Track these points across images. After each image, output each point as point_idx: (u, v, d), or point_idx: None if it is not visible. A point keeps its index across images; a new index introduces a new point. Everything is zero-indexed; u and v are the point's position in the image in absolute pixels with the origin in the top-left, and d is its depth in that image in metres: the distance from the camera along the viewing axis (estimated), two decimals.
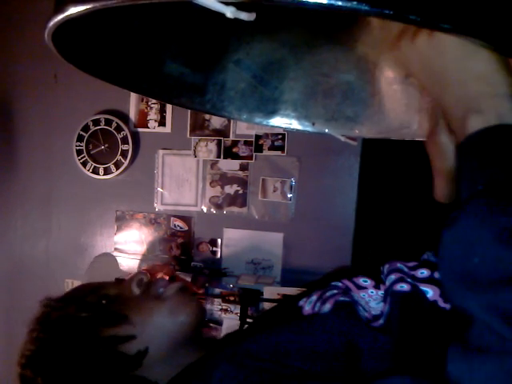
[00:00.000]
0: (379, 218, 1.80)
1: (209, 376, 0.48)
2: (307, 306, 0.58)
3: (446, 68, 0.39)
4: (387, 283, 0.56)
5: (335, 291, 0.58)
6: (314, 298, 0.58)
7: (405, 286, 0.54)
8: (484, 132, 0.36)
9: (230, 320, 1.77)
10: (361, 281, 0.59)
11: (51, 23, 0.34)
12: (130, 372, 0.57)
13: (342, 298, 0.56)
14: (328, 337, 0.50)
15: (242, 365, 0.47)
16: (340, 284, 0.60)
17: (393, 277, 0.55)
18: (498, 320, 0.31)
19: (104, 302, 0.62)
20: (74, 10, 0.31)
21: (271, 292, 1.69)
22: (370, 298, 0.57)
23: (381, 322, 0.52)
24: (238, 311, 1.72)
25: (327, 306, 0.56)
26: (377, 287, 0.57)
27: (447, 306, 0.52)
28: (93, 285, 0.67)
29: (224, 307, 1.79)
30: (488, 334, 0.32)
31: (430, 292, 0.53)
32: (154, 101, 1.88)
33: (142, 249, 1.95)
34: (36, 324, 0.63)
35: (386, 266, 0.58)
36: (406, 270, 0.57)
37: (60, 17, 0.33)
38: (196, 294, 1.75)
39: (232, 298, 1.74)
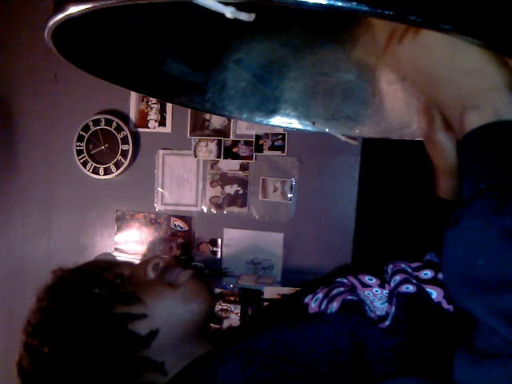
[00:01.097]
0: (379, 218, 1.79)
1: (215, 372, 0.48)
2: (313, 304, 0.58)
3: (435, 66, 0.39)
4: (392, 284, 0.56)
5: (342, 289, 0.58)
6: (320, 295, 0.58)
7: (410, 288, 0.54)
8: (482, 129, 0.36)
9: (230, 320, 1.77)
10: (366, 279, 0.58)
11: (51, 22, 0.34)
12: (137, 351, 0.57)
13: (349, 297, 0.56)
14: (336, 337, 0.50)
15: (249, 361, 0.47)
16: (345, 280, 0.60)
17: (398, 278, 0.55)
18: (504, 324, 0.30)
19: (118, 280, 0.62)
20: (73, 9, 0.31)
21: (271, 292, 1.69)
22: (375, 297, 0.56)
23: (387, 323, 0.52)
24: (239, 311, 1.72)
25: (335, 305, 0.55)
26: (382, 286, 0.57)
27: (451, 308, 0.52)
28: (108, 262, 0.67)
29: (224, 307, 1.79)
30: (495, 337, 0.31)
31: (434, 293, 0.53)
32: (154, 101, 1.88)
33: (142, 249, 1.95)
34: (46, 293, 0.62)
35: (390, 267, 0.58)
36: (409, 270, 0.57)
37: (60, 16, 0.33)
38: (209, 281, 1.74)
39: (232, 298, 1.74)
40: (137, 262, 0.71)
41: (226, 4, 0.30)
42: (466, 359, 0.33)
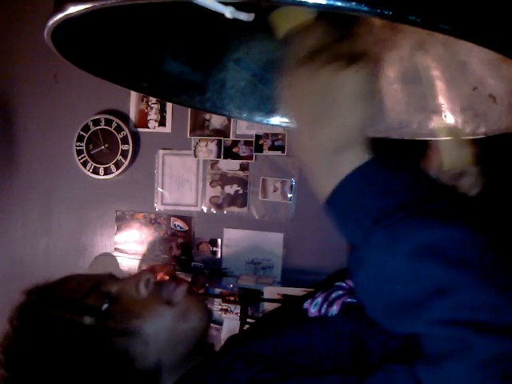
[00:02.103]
0: None
1: (224, 377, 0.47)
2: (313, 309, 0.58)
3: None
4: None
5: (341, 292, 0.58)
6: (320, 300, 0.58)
7: None
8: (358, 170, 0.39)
9: (230, 320, 1.77)
10: None
11: (51, 22, 0.34)
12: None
13: (349, 300, 0.56)
14: (337, 340, 0.50)
15: (253, 362, 0.47)
16: (344, 284, 0.59)
17: None
18: (447, 327, 0.32)
19: (107, 303, 0.55)
20: (73, 9, 0.31)
21: (271, 292, 1.69)
22: None
23: None
24: (238, 311, 1.72)
25: (335, 308, 0.55)
26: None
27: None
28: (90, 279, 0.60)
29: (224, 307, 1.79)
30: (442, 341, 0.33)
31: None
32: (154, 101, 1.88)
33: (142, 249, 1.95)
34: (23, 326, 0.55)
35: None
36: None
37: (59, 16, 0.33)
38: (201, 290, 1.74)
39: (232, 298, 1.74)
40: (120, 277, 0.63)
41: (226, 4, 0.30)
42: (427, 368, 0.34)
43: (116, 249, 1.98)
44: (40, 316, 0.55)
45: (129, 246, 1.97)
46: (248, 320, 1.67)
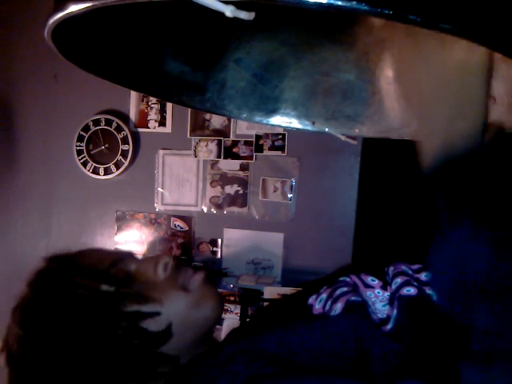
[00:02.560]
0: (379, 218, 1.79)
1: (221, 372, 0.47)
2: (317, 305, 0.58)
3: None
4: (393, 286, 0.55)
5: (345, 289, 0.58)
6: (324, 296, 0.58)
7: (411, 290, 0.54)
8: None
9: (230, 320, 1.77)
10: (369, 279, 0.58)
11: (51, 21, 0.34)
12: (154, 348, 0.54)
13: (353, 298, 0.56)
14: (339, 341, 0.50)
15: (254, 358, 0.47)
16: (348, 279, 0.59)
17: (399, 280, 0.55)
18: (506, 326, 0.32)
19: (125, 278, 0.57)
20: (73, 8, 0.31)
21: (271, 292, 1.69)
22: (377, 299, 0.56)
23: (389, 326, 0.52)
24: (239, 311, 1.72)
25: (339, 306, 0.55)
26: (384, 288, 0.57)
27: None
28: (111, 255, 0.61)
29: (224, 307, 1.79)
30: (500, 341, 0.33)
31: (434, 295, 0.53)
32: (154, 101, 1.88)
33: (142, 249, 1.95)
34: (43, 291, 0.57)
35: (391, 269, 0.58)
36: (410, 272, 0.57)
37: (60, 15, 0.33)
38: (216, 285, 1.73)
39: (232, 298, 1.74)
40: (139, 256, 0.65)
41: (226, 3, 0.30)
42: (474, 368, 0.34)
43: (116, 249, 1.98)
44: (60, 280, 0.57)
45: (129, 246, 1.97)
46: (248, 320, 1.67)
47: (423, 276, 0.55)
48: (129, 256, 0.63)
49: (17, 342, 0.55)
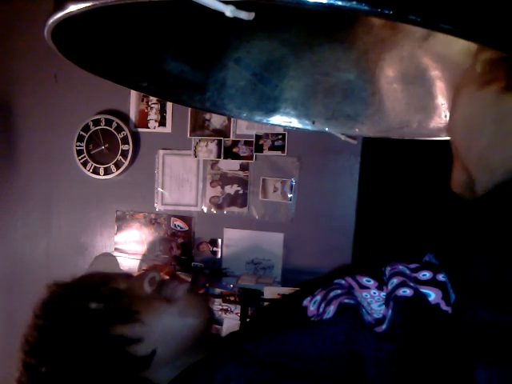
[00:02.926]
0: (379, 218, 1.79)
1: (212, 375, 0.48)
2: (312, 307, 0.58)
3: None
4: (389, 287, 0.55)
5: (339, 291, 0.57)
6: (319, 298, 0.58)
7: (407, 291, 0.53)
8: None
9: (230, 320, 1.77)
10: (364, 280, 0.58)
11: (51, 21, 0.34)
12: (136, 373, 0.56)
13: (346, 301, 0.56)
14: (332, 345, 0.50)
15: (249, 363, 0.47)
16: (343, 282, 0.59)
17: (395, 280, 0.55)
18: None
19: (115, 295, 0.61)
20: (73, 7, 0.31)
21: (271, 292, 1.69)
22: (373, 299, 0.56)
23: (384, 327, 0.52)
24: (239, 311, 1.72)
25: (332, 309, 0.55)
26: (380, 288, 0.57)
27: (449, 310, 0.52)
28: (103, 275, 0.65)
29: (224, 307, 1.79)
30: None
31: (432, 295, 0.52)
32: (154, 101, 1.88)
33: (142, 249, 1.95)
34: (42, 310, 0.61)
35: (388, 268, 0.58)
36: (407, 272, 0.56)
37: (59, 14, 0.33)
38: (202, 290, 1.75)
39: (232, 298, 1.74)
40: (133, 274, 0.70)
41: (226, 3, 0.30)
42: (497, 373, 0.35)
43: (116, 249, 1.98)
44: (62, 307, 0.61)
45: (129, 246, 1.97)
46: (248, 320, 1.67)
47: (421, 275, 0.55)
48: (121, 276, 0.66)
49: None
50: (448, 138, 0.54)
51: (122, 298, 0.61)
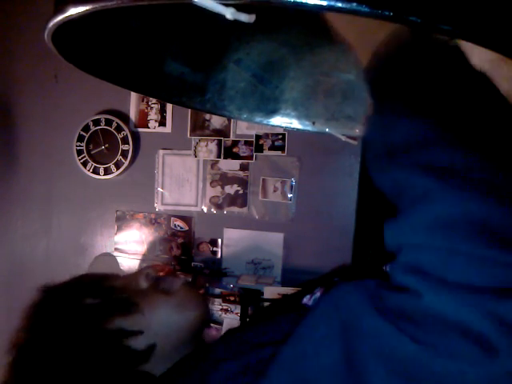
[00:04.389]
0: (379, 218, 1.79)
1: (206, 357, 0.48)
2: (311, 304, 0.58)
3: None
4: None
5: None
6: (318, 295, 0.58)
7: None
8: None
9: (230, 320, 1.77)
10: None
11: (51, 24, 0.34)
12: (136, 367, 0.56)
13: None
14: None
15: (240, 351, 0.47)
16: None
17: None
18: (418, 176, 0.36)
19: (110, 291, 0.61)
20: (73, 10, 0.31)
21: (271, 292, 1.69)
22: None
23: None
24: (239, 311, 1.72)
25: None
26: None
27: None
28: (96, 276, 0.65)
29: (224, 307, 1.79)
30: (411, 188, 0.37)
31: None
32: (154, 101, 1.88)
33: (142, 249, 1.95)
34: (35, 310, 0.60)
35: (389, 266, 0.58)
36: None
37: (60, 17, 0.33)
38: (201, 290, 1.75)
39: (232, 298, 1.74)
40: (124, 274, 0.70)
41: (226, 5, 0.30)
42: (392, 221, 0.40)
43: (116, 249, 1.99)
44: (50, 305, 0.61)
45: (129, 246, 1.97)
46: (248, 320, 1.67)
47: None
48: (113, 275, 0.67)
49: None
50: None
51: (119, 292, 0.61)
